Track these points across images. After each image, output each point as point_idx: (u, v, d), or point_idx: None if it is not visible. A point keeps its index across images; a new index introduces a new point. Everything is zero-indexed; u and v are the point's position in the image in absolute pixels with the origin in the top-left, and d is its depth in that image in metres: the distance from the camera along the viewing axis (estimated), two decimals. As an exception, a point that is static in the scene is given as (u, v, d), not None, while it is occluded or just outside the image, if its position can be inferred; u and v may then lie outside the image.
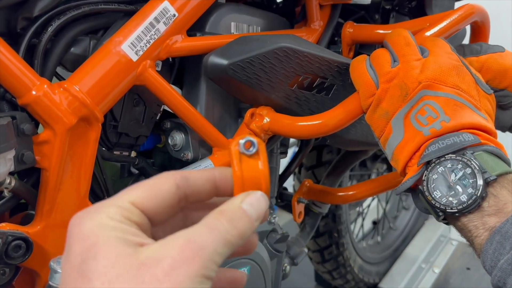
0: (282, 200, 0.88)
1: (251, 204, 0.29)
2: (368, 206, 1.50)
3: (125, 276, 0.23)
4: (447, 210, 0.44)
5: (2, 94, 0.47)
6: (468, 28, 0.74)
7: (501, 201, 0.42)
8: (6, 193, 0.47)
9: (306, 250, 0.87)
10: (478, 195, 0.42)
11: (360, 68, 0.54)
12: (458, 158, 0.44)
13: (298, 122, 0.61)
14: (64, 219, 0.50)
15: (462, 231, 0.45)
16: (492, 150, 0.44)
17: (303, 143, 0.82)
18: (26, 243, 0.46)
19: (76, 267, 0.25)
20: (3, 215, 0.53)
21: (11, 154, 0.44)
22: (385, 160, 1.38)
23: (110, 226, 0.26)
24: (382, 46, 0.56)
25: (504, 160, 0.45)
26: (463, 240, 0.45)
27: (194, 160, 0.62)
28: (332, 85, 0.65)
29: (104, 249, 0.24)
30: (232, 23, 0.64)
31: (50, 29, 0.49)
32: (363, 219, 1.47)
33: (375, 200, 1.52)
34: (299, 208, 0.86)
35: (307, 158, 1.12)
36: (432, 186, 0.45)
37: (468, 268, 1.57)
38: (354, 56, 0.74)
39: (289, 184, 1.06)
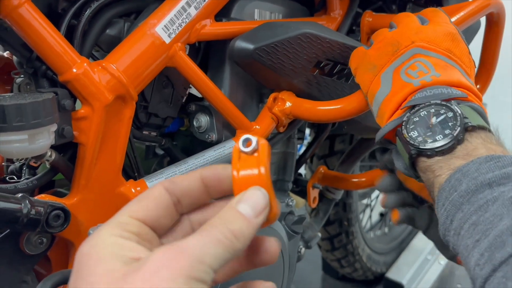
0: (297, 186, 0.91)
1: (246, 201, 0.28)
2: (377, 197, 1.53)
3: None
4: (421, 147, 0.43)
5: (44, 71, 0.49)
6: (483, 20, 0.76)
7: (472, 146, 0.42)
8: (47, 165, 0.49)
9: (319, 234, 0.89)
10: (455, 135, 0.42)
11: (359, 48, 0.56)
12: (442, 103, 0.44)
13: (319, 106, 0.63)
14: (98, 193, 0.53)
15: (426, 172, 0.44)
16: (476, 108, 0.44)
17: (319, 129, 0.85)
18: (65, 213, 0.49)
19: (71, 287, 0.26)
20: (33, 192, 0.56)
21: (54, 127, 0.46)
22: (395, 152, 1.39)
23: (108, 243, 0.26)
24: None
25: (485, 120, 0.45)
26: None
27: (218, 142, 0.64)
28: (352, 71, 0.67)
29: (93, 266, 0.25)
30: (256, 10, 0.66)
31: (88, 11, 0.51)
32: (371, 210, 1.49)
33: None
34: (314, 193, 0.88)
35: (320, 148, 1.14)
36: (411, 126, 0.44)
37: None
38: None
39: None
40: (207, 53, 0.66)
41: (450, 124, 0.43)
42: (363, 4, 0.78)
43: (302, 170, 1.18)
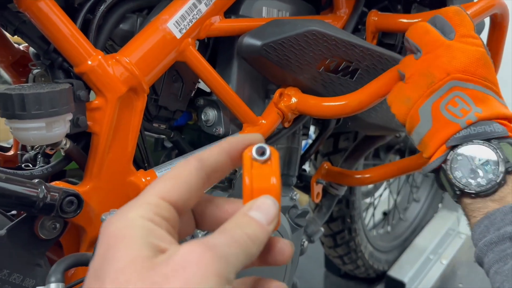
0: (301, 181, 0.92)
1: (258, 209, 0.28)
2: (380, 196, 1.54)
3: (134, 280, 0.22)
4: (465, 190, 0.47)
5: (60, 63, 0.51)
6: (486, 20, 0.77)
7: (508, 189, 0.45)
8: (62, 153, 0.51)
9: (322, 229, 0.91)
10: (498, 181, 0.45)
11: (397, 84, 0.56)
12: (485, 144, 0.47)
13: (324, 102, 0.65)
14: (110, 181, 0.55)
15: (465, 209, 0.48)
16: None
17: (324, 126, 0.86)
18: (78, 199, 0.51)
19: (95, 268, 0.24)
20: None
21: (69, 116, 0.48)
22: (398, 151, 1.41)
23: (138, 225, 0.25)
24: (404, 35, 0.59)
25: None
26: None
27: (225, 135, 0.66)
28: (356, 69, 0.68)
29: (121, 251, 0.24)
30: (264, 8, 0.68)
31: (103, 6, 0.53)
32: (374, 208, 1.50)
33: (386, 192, 1.56)
34: (318, 189, 0.90)
35: (324, 145, 1.16)
36: (455, 166, 0.48)
37: (475, 261, 1.60)
38: (377, 44, 0.77)
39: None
40: (216, 48, 0.68)
41: (493, 167, 0.46)
42: (368, 3, 0.80)
43: (306, 167, 1.20)
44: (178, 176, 0.28)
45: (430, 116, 0.50)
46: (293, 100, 0.66)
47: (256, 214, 0.28)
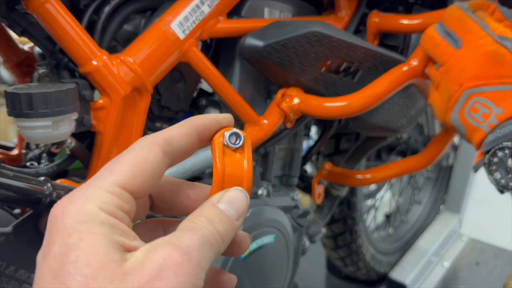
0: (302, 182, 0.93)
1: (230, 202, 0.26)
2: (381, 198, 1.54)
3: None
4: (504, 191, 0.50)
5: (66, 63, 0.52)
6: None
7: None
8: (67, 151, 0.52)
9: (323, 230, 0.92)
10: None
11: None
12: None
13: (326, 103, 0.66)
14: (113, 179, 0.55)
15: None
16: None
17: (325, 127, 0.87)
18: (83, 197, 0.52)
19: (54, 270, 0.21)
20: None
21: (75, 115, 0.49)
22: (401, 153, 1.41)
23: (99, 221, 0.22)
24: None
25: None
26: (474, 235, 0.52)
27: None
28: (358, 70, 0.69)
29: (87, 254, 0.21)
30: (266, 9, 0.69)
31: (108, 8, 0.54)
32: (376, 210, 1.51)
33: (388, 193, 1.56)
34: (319, 189, 0.91)
35: (326, 146, 1.16)
36: (493, 167, 0.50)
37: (477, 263, 1.60)
38: (378, 45, 0.78)
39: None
40: (218, 49, 0.69)
41: None
42: (370, 4, 0.81)
43: (308, 168, 1.20)
44: (143, 161, 0.24)
45: (461, 124, 0.54)
46: (296, 100, 0.67)
47: (227, 209, 0.26)
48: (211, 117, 0.28)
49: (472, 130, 0.53)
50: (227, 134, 0.28)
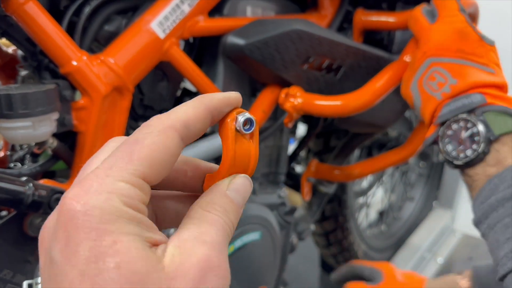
0: (291, 180, 0.93)
1: (238, 191, 0.26)
2: (373, 195, 1.55)
3: None
4: (454, 162, 0.51)
5: (46, 64, 0.53)
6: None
7: (501, 155, 0.48)
8: (49, 151, 0.52)
9: (312, 227, 0.92)
10: (480, 151, 0.48)
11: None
12: (468, 118, 0.49)
13: (329, 101, 0.66)
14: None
15: (467, 178, 0.51)
16: (500, 109, 0.49)
17: (311, 124, 0.88)
18: (65, 197, 0.52)
19: (88, 276, 0.20)
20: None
21: (55, 116, 0.50)
22: (391, 149, 1.42)
23: (127, 218, 0.21)
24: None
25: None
26: (467, 231, 0.53)
27: (211, 133, 0.67)
28: (340, 66, 0.70)
29: (128, 262, 0.20)
30: (248, 7, 0.70)
31: (88, 9, 0.54)
32: (368, 207, 1.51)
33: (380, 190, 1.57)
34: (307, 186, 0.91)
35: (315, 144, 1.17)
36: (446, 140, 0.51)
37: (470, 259, 1.61)
38: (363, 42, 0.78)
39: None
40: (202, 48, 0.69)
41: (475, 138, 0.49)
42: (353, 2, 0.81)
43: (298, 167, 1.21)
44: (162, 150, 0.23)
45: (418, 92, 0.55)
46: (298, 100, 0.66)
47: (236, 197, 0.26)
48: (222, 97, 0.27)
49: (426, 100, 0.53)
50: (241, 119, 0.27)
